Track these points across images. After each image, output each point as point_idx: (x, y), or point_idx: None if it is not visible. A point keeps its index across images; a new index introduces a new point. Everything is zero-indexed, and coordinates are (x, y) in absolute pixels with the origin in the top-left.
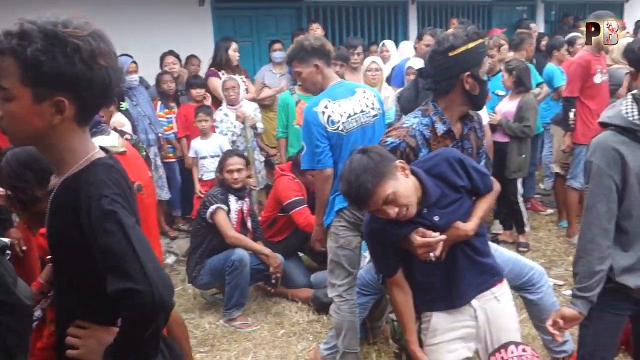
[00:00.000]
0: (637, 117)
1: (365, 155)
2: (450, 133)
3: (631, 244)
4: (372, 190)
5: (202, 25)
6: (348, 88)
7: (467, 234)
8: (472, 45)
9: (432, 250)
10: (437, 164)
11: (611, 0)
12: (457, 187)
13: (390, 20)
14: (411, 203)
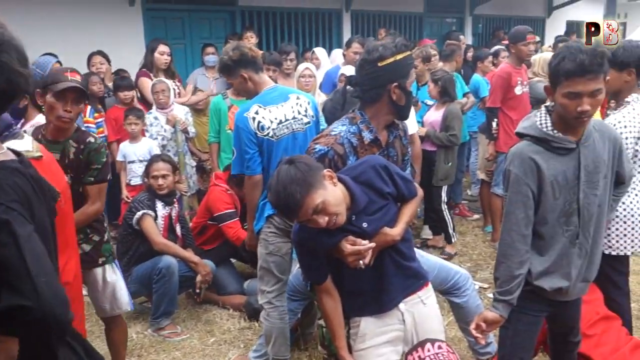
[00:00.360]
0: (550, 128)
1: (293, 166)
2: (377, 141)
3: (547, 249)
4: (301, 201)
5: (132, 26)
6: (282, 93)
7: (394, 239)
8: (400, 56)
9: (362, 258)
10: (364, 171)
11: (534, 16)
12: (384, 194)
13: (325, 27)
14: (340, 211)
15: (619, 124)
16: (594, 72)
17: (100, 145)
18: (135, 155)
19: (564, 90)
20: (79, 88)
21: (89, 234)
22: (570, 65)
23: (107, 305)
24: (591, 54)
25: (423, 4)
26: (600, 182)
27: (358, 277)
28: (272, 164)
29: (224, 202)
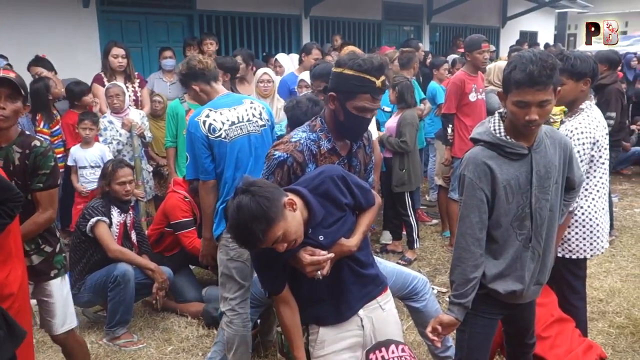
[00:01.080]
0: (503, 134)
1: (253, 200)
2: (335, 151)
3: (501, 252)
4: (263, 238)
5: (87, 29)
6: (235, 98)
7: (351, 250)
8: (348, 72)
9: (321, 269)
10: (323, 182)
11: (488, 26)
12: (342, 205)
13: (284, 33)
14: (299, 234)
15: (575, 130)
16: (543, 83)
17: (47, 148)
18: (87, 161)
19: (513, 99)
20: (12, 83)
21: (40, 244)
22: (520, 75)
23: (57, 321)
24: (541, 65)
25: (381, 12)
26: (551, 187)
27: (316, 287)
28: (227, 166)
29: (181, 209)
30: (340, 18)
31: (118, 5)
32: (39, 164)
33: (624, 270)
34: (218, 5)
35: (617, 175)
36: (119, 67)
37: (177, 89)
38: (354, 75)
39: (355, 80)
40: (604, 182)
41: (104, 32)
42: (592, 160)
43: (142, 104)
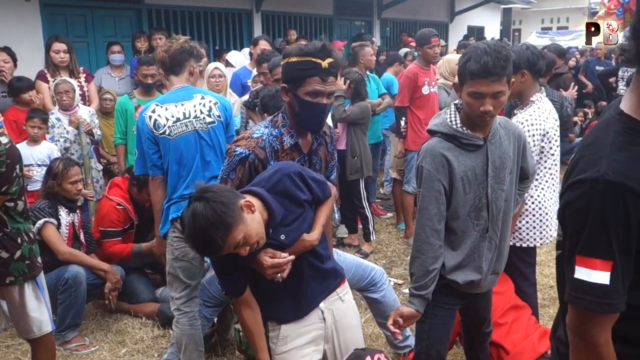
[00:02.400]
0: (459, 125)
1: (208, 207)
2: (298, 147)
3: (459, 244)
4: (222, 244)
5: (29, 23)
6: (185, 93)
7: (312, 244)
8: (293, 59)
9: (281, 272)
10: (280, 180)
11: (437, 21)
12: (301, 202)
13: (236, 27)
14: (261, 235)
15: (526, 122)
16: (497, 74)
17: (1, 153)
18: (33, 159)
19: (468, 90)
20: None
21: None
22: (475, 66)
23: (27, 327)
24: (495, 56)
25: (332, 6)
26: (506, 177)
27: (275, 284)
28: (170, 163)
29: (110, 219)
30: (292, 13)
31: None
32: None
33: None
34: (167, 0)
35: (562, 165)
36: (61, 62)
37: (126, 84)
38: (299, 61)
39: (300, 65)
40: (553, 173)
41: (47, 27)
42: (542, 151)
43: (89, 99)
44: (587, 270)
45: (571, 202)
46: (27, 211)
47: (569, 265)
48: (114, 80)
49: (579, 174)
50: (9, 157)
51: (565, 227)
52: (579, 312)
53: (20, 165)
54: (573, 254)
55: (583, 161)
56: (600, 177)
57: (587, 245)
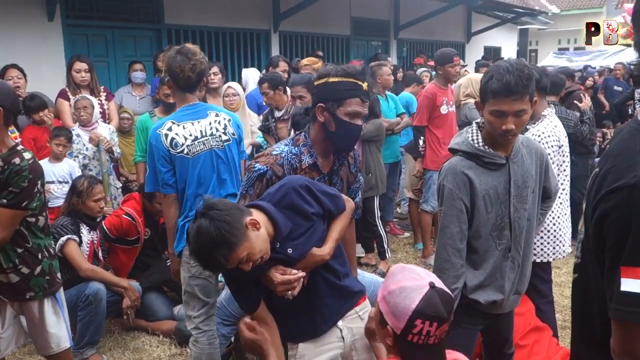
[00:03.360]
0: (481, 144)
1: (213, 225)
2: (316, 167)
3: (481, 263)
4: (225, 262)
5: (51, 42)
6: (200, 110)
7: (323, 259)
8: (334, 79)
9: (292, 289)
10: (286, 194)
11: (454, 41)
12: (308, 215)
13: (254, 47)
14: (265, 251)
15: (542, 134)
16: (519, 93)
17: (24, 168)
18: (55, 176)
19: (490, 108)
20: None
21: (18, 265)
22: (497, 85)
23: (46, 343)
24: (517, 75)
25: (349, 27)
26: (529, 196)
27: (291, 302)
28: (189, 182)
29: (112, 221)
30: (309, 33)
31: (84, 19)
32: (11, 181)
33: None
34: (187, 20)
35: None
36: (82, 81)
37: (146, 103)
38: (341, 81)
39: (343, 85)
40: (564, 187)
41: (69, 46)
42: (559, 163)
43: (109, 117)
44: (635, 280)
45: (608, 212)
46: (48, 227)
47: (612, 279)
48: (134, 99)
49: (612, 184)
50: (31, 173)
51: (604, 240)
52: (629, 328)
53: (42, 181)
54: (616, 266)
55: (614, 171)
56: (638, 183)
57: (633, 254)
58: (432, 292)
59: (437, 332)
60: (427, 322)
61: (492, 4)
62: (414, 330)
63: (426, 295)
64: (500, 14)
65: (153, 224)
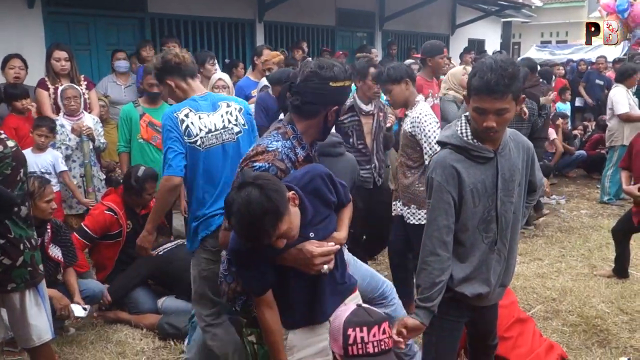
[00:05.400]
0: (470, 137)
1: (264, 194)
2: (310, 158)
3: (467, 256)
4: (272, 232)
5: (31, 31)
6: (213, 102)
7: (341, 243)
8: (348, 83)
9: (329, 261)
10: (312, 179)
11: (439, 33)
12: (329, 203)
13: (238, 37)
14: (297, 230)
15: (420, 114)
16: (500, 92)
17: (7, 155)
18: (37, 167)
19: (473, 105)
20: None
21: (0, 256)
22: (478, 82)
23: (27, 335)
24: (500, 74)
25: (335, 17)
26: (515, 189)
27: (292, 289)
28: (198, 176)
29: (94, 220)
30: (295, 23)
31: (65, 6)
32: None
33: (574, 270)
34: (170, 9)
35: (563, 178)
36: (62, 70)
37: (132, 92)
38: (349, 86)
39: (348, 89)
40: None
41: (50, 34)
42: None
43: (90, 107)
44: None
45: None
46: (31, 217)
47: None
48: (120, 88)
49: None
50: (14, 160)
51: None
52: None
53: (24, 170)
54: None
55: None
56: None
57: None
58: (359, 308)
59: (372, 339)
60: (358, 329)
61: None
62: (350, 341)
63: (353, 311)
64: (484, 6)
65: (134, 217)
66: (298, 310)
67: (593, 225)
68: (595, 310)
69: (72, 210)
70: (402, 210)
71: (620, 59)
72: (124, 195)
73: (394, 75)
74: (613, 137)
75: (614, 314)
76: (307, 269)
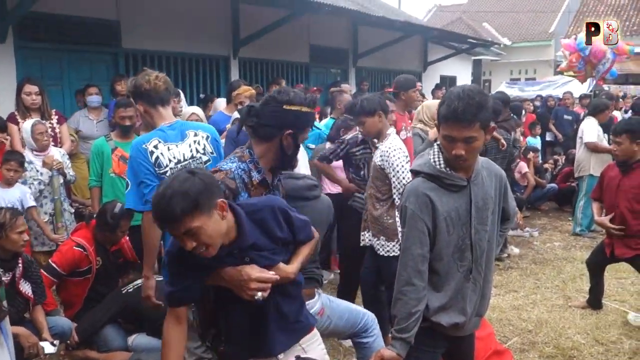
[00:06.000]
0: (443, 166)
1: (192, 178)
2: (265, 182)
3: (443, 285)
4: (179, 217)
5: (3, 64)
6: (180, 130)
7: (288, 276)
8: (305, 109)
9: (264, 289)
10: (261, 209)
11: (411, 70)
12: (274, 238)
13: (213, 73)
14: (213, 244)
15: (390, 148)
16: (467, 120)
17: None
18: (4, 202)
19: (442, 133)
20: None
21: None
22: (446, 110)
23: None
24: (466, 102)
25: (308, 54)
26: (489, 217)
27: (236, 323)
28: None
29: (63, 256)
30: (269, 60)
31: (37, 40)
32: None
33: (549, 301)
34: (145, 44)
35: (535, 211)
36: (32, 104)
37: (104, 127)
38: (308, 113)
39: (310, 116)
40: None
41: (21, 69)
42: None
43: (61, 141)
44: None
45: None
46: None
47: None
48: (92, 122)
49: None
50: None
51: None
52: None
53: None
54: None
55: None
56: None
57: None
58: None
59: None
60: None
61: (446, 34)
62: None
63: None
64: (455, 44)
65: (104, 253)
66: (239, 340)
67: (566, 257)
68: (571, 341)
69: (43, 247)
70: (372, 241)
71: (586, 95)
72: (95, 231)
73: (368, 108)
74: (581, 167)
75: (590, 344)
76: (241, 291)
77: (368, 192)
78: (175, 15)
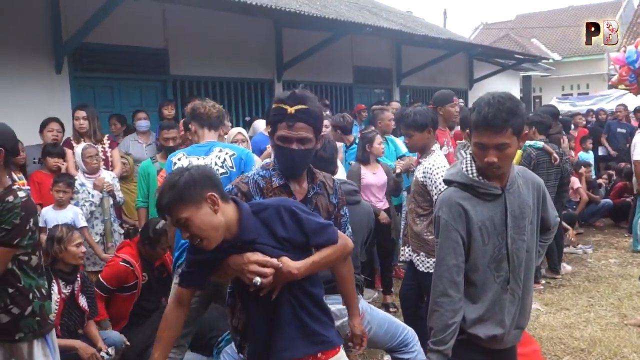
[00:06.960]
0: (475, 175)
1: (184, 175)
2: (287, 187)
3: (479, 296)
4: (167, 208)
5: (59, 94)
6: (210, 147)
7: (291, 273)
8: (284, 107)
9: (263, 274)
10: (266, 208)
11: (457, 87)
12: (277, 238)
13: (257, 97)
14: (208, 237)
15: (433, 166)
16: (498, 126)
17: (16, 205)
18: (58, 222)
19: (474, 140)
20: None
21: (8, 304)
22: (476, 117)
23: None
24: (497, 108)
25: (352, 75)
26: (527, 227)
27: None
28: None
29: (110, 271)
30: (312, 82)
31: (90, 71)
32: (3, 218)
33: (603, 320)
34: (192, 71)
35: (589, 227)
36: (80, 128)
37: (152, 150)
38: (273, 108)
39: (274, 112)
40: None
41: (76, 97)
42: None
43: (113, 165)
44: None
45: None
46: (41, 267)
47: None
48: (141, 146)
49: None
50: (24, 210)
51: None
52: None
53: (35, 219)
54: None
55: None
56: None
57: None
58: None
59: None
60: None
61: (491, 50)
62: None
63: None
64: (501, 60)
65: (150, 268)
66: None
67: (622, 274)
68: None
69: (95, 267)
70: (412, 257)
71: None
72: (139, 246)
73: (420, 122)
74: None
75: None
76: (241, 274)
77: (409, 207)
78: (219, 42)
